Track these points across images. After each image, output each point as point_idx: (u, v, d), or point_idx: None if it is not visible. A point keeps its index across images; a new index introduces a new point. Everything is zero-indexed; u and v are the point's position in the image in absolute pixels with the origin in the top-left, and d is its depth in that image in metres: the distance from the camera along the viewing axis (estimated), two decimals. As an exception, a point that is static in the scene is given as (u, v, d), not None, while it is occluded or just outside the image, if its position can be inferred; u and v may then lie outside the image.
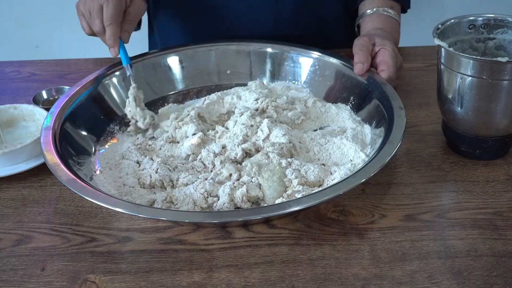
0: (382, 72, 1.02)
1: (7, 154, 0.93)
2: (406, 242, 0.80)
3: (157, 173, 0.88)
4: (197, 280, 0.75)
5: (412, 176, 0.92)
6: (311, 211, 0.85)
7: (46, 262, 0.79)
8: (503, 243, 0.80)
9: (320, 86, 1.10)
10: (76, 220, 0.85)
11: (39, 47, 2.19)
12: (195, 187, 0.85)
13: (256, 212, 0.80)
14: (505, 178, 0.91)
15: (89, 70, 1.17)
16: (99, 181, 0.89)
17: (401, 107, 0.93)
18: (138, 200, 0.85)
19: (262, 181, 0.85)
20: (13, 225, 0.85)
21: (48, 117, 0.95)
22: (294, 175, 0.86)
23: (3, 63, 1.30)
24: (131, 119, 1.02)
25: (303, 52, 1.14)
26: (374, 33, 1.10)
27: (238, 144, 0.91)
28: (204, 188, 0.84)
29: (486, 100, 0.88)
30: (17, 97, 1.16)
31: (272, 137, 0.93)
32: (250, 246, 0.80)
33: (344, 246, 0.80)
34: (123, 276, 0.76)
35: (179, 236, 0.82)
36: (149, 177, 0.88)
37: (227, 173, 0.87)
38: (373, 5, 1.18)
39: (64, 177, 0.82)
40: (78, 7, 1.05)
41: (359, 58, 1.03)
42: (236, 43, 1.16)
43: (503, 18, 0.95)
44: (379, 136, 0.92)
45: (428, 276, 0.75)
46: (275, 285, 0.74)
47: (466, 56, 0.87)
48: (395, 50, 1.04)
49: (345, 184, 0.79)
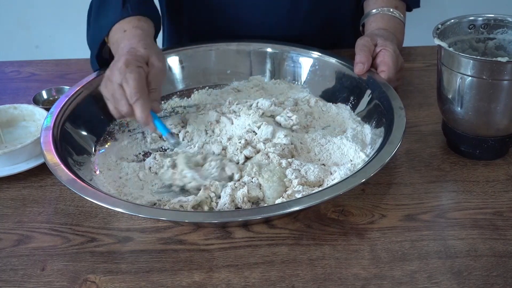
0: (382, 72, 1.02)
1: (7, 154, 0.93)
2: (406, 242, 0.80)
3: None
4: (197, 280, 0.75)
5: (412, 176, 0.92)
6: (311, 211, 0.85)
7: (46, 262, 0.79)
8: (503, 243, 0.80)
9: (320, 86, 1.10)
10: (76, 220, 0.85)
11: (39, 47, 2.19)
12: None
13: (256, 212, 0.80)
14: (505, 178, 0.91)
15: (89, 70, 1.17)
16: (99, 181, 0.90)
17: (401, 107, 0.93)
18: (138, 200, 0.85)
19: (262, 181, 0.85)
20: (13, 225, 0.85)
21: (48, 117, 0.95)
22: (294, 175, 0.86)
23: (3, 63, 1.30)
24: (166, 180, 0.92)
25: (303, 52, 1.14)
26: (377, 33, 1.10)
27: (240, 150, 0.91)
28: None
29: (486, 100, 0.88)
30: (17, 97, 1.16)
31: (273, 138, 0.93)
32: (250, 246, 0.80)
33: (344, 246, 0.80)
34: (123, 276, 0.76)
35: (179, 236, 0.82)
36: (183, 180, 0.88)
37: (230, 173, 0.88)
38: (378, 5, 1.18)
39: (64, 177, 0.82)
40: (102, 91, 0.96)
41: (359, 58, 1.03)
42: (236, 43, 1.16)
43: (503, 18, 0.95)
44: (379, 136, 0.92)
45: (428, 276, 0.75)
46: (275, 285, 0.74)
47: (466, 56, 0.87)
48: (396, 51, 1.04)
49: (345, 184, 0.79)
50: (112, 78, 0.92)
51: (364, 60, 1.02)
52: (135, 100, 0.90)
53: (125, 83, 0.90)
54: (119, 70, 0.91)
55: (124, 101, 0.91)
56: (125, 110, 0.91)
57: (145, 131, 1.02)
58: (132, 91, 0.90)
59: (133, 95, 0.90)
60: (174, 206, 0.84)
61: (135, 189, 0.88)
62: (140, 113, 0.90)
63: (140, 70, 0.92)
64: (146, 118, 0.90)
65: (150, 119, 0.91)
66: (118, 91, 0.91)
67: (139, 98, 0.90)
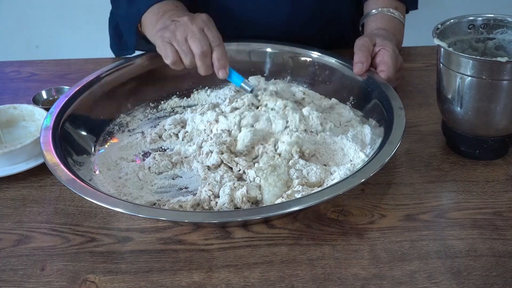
0: (381, 72, 1.02)
1: (7, 154, 0.93)
2: (406, 242, 0.80)
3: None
4: (197, 280, 0.75)
5: (412, 176, 0.92)
6: (311, 211, 0.85)
7: (46, 262, 0.79)
8: (503, 243, 0.80)
9: (320, 86, 1.10)
10: (76, 220, 0.85)
11: (39, 47, 2.19)
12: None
13: (255, 212, 0.80)
14: (505, 178, 0.91)
15: (89, 70, 1.17)
16: (99, 181, 0.90)
17: (400, 107, 0.93)
18: (137, 200, 0.85)
19: (264, 184, 0.85)
20: (13, 225, 0.85)
21: (48, 117, 0.95)
22: (296, 175, 0.86)
23: (3, 63, 1.30)
24: None
25: (303, 52, 1.14)
26: (376, 33, 1.10)
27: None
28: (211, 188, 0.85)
29: (485, 100, 0.88)
30: (17, 97, 1.16)
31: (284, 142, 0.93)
32: (249, 246, 0.80)
33: (344, 246, 0.80)
34: (123, 276, 0.76)
35: (178, 236, 0.82)
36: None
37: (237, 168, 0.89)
38: (378, 5, 1.18)
39: (64, 177, 0.82)
40: (162, 36, 1.01)
41: (359, 58, 1.03)
42: (236, 43, 1.16)
43: (502, 18, 0.95)
44: (379, 136, 0.92)
45: (428, 276, 0.75)
46: (274, 285, 0.74)
47: (466, 56, 0.87)
48: (396, 51, 1.04)
49: (345, 184, 0.79)
50: (189, 23, 1.00)
51: (363, 60, 1.02)
52: (218, 43, 0.99)
53: (207, 28, 0.99)
54: (193, 19, 1.00)
55: (204, 42, 0.98)
56: (200, 51, 0.98)
57: (145, 131, 1.02)
58: (216, 35, 0.99)
59: (217, 39, 0.99)
60: (173, 206, 0.84)
61: (134, 189, 0.88)
62: (222, 55, 0.99)
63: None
64: (226, 61, 1.00)
65: (227, 64, 1.00)
66: (198, 33, 0.98)
67: (221, 43, 1.00)
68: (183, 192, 0.89)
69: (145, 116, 1.08)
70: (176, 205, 0.84)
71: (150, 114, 1.08)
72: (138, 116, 1.07)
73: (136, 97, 1.10)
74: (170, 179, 0.91)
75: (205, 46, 0.98)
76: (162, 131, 1.01)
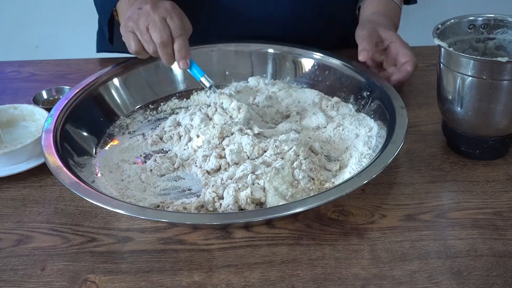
0: (407, 63, 1.04)
1: (7, 154, 0.93)
2: (406, 242, 0.80)
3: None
4: (197, 280, 0.75)
5: (412, 176, 0.92)
6: (311, 211, 0.85)
7: (46, 262, 0.79)
8: (503, 243, 0.80)
9: (320, 86, 1.10)
10: (76, 220, 0.85)
11: (39, 47, 2.19)
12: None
13: (259, 214, 0.80)
14: (505, 178, 0.91)
15: (89, 70, 1.17)
16: (101, 183, 0.89)
17: (402, 106, 0.94)
18: (141, 202, 0.85)
19: (269, 187, 0.85)
20: (13, 225, 0.85)
21: (49, 119, 0.94)
22: (302, 176, 0.86)
23: (3, 63, 1.30)
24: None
25: (303, 52, 1.14)
26: (374, 19, 1.10)
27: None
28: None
29: (486, 100, 0.88)
30: (17, 97, 1.16)
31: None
32: (250, 246, 0.80)
33: (344, 246, 0.80)
34: (123, 276, 0.76)
35: (179, 236, 0.82)
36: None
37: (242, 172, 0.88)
38: None
39: (67, 180, 0.82)
40: (126, 25, 1.00)
41: (364, 46, 1.03)
42: (235, 44, 1.16)
43: (503, 18, 0.95)
44: (380, 136, 0.92)
45: (428, 276, 0.75)
46: (275, 285, 0.74)
47: (466, 56, 0.87)
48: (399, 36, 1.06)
49: (350, 185, 0.79)
50: (151, 12, 0.97)
51: (368, 48, 1.03)
52: (180, 34, 0.97)
53: (170, 18, 0.97)
54: (156, 8, 0.97)
55: (165, 32, 0.96)
56: (160, 41, 0.96)
57: (145, 133, 1.02)
58: (178, 25, 0.97)
59: (179, 29, 0.97)
60: (177, 208, 0.83)
61: (137, 191, 0.88)
62: (182, 45, 0.97)
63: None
64: (186, 52, 0.98)
65: (189, 54, 0.98)
66: (159, 22, 0.96)
67: (183, 33, 0.97)
68: (187, 194, 0.88)
69: (145, 118, 1.07)
70: (180, 207, 0.83)
71: (150, 116, 1.08)
72: (138, 118, 1.07)
73: (135, 99, 1.10)
74: (173, 181, 0.91)
75: (165, 36, 0.97)
76: (163, 132, 1.01)
